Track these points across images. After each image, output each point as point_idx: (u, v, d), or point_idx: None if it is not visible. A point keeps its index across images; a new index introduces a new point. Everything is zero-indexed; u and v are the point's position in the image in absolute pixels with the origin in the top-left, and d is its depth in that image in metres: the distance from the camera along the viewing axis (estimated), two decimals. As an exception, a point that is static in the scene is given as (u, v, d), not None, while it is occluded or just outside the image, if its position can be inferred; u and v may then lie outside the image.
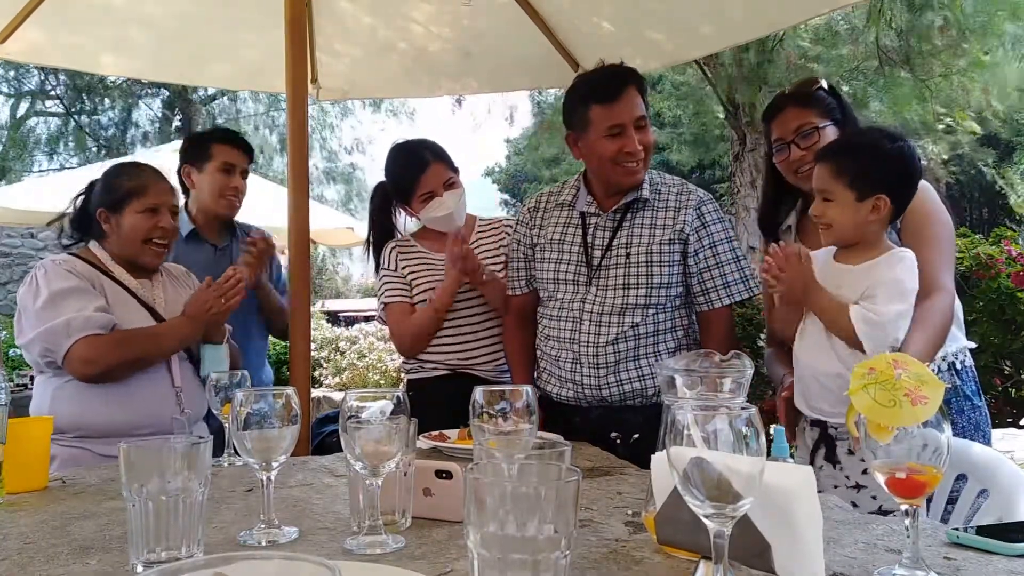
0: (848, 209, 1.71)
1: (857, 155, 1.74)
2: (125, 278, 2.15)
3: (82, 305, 2.00)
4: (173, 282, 2.30)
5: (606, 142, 2.06)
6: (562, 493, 0.75)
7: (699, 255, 2.11)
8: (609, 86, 2.07)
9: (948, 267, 1.87)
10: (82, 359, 1.97)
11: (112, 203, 2.15)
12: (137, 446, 1.06)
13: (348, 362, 8.95)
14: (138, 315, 2.11)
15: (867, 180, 1.69)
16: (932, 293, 1.76)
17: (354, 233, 6.44)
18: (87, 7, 3.13)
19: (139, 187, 2.15)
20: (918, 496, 0.97)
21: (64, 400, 2.01)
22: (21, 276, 13.11)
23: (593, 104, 2.06)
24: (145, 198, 2.15)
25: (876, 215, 1.71)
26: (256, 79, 3.92)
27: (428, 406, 2.16)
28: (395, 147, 2.53)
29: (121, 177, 2.18)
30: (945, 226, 1.91)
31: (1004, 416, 3.78)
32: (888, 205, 1.70)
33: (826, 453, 1.83)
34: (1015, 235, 4.04)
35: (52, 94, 16.80)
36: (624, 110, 2.04)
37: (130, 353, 2.03)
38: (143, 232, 2.14)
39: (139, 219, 2.14)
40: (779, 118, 2.05)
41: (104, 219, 2.15)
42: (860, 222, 1.71)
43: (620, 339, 2.07)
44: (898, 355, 1.04)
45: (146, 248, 2.16)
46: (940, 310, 1.78)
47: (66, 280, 2.02)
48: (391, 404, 1.15)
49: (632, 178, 2.11)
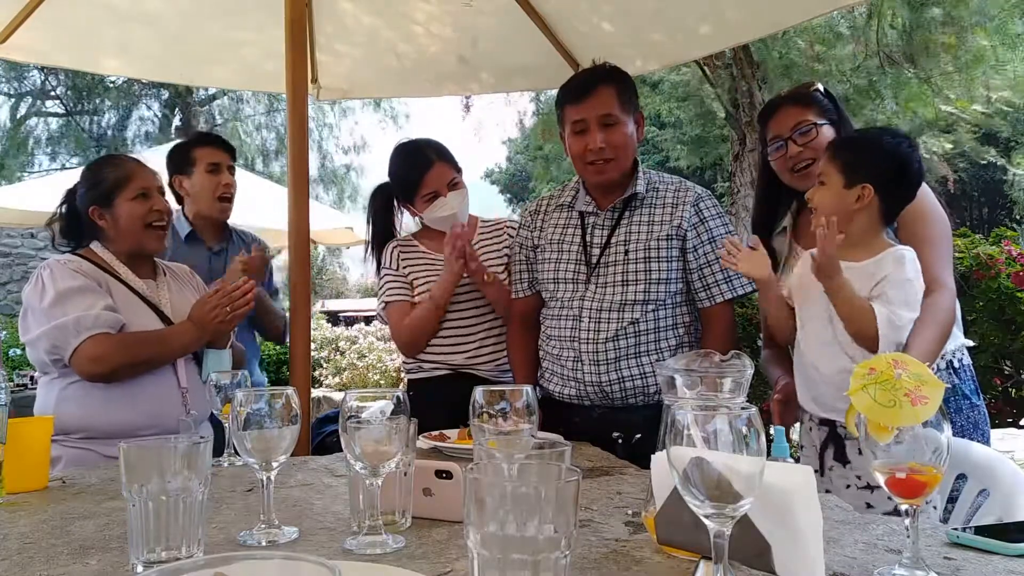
0: (835, 193, 1.77)
1: (857, 145, 1.82)
2: (131, 278, 2.14)
3: (90, 303, 1.99)
4: (177, 282, 2.30)
5: (572, 140, 2.12)
6: (562, 493, 0.75)
7: (698, 251, 2.12)
8: (580, 86, 2.12)
9: (948, 265, 1.89)
10: (90, 357, 1.96)
11: (101, 197, 2.13)
12: (137, 446, 1.06)
13: (348, 362, 8.96)
14: (144, 316, 2.10)
15: (857, 168, 1.75)
16: (935, 291, 1.77)
17: (353, 233, 6.45)
18: (87, 7, 3.14)
19: (124, 175, 2.14)
20: (918, 496, 0.97)
21: (70, 401, 2.00)
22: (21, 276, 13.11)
23: (565, 104, 2.13)
24: (133, 184, 2.13)
25: (860, 204, 1.75)
26: (256, 79, 3.92)
27: (428, 406, 2.16)
28: (399, 146, 2.53)
29: (103, 171, 2.16)
30: (943, 225, 1.93)
31: (1004, 416, 3.78)
32: (872, 195, 1.74)
33: (835, 453, 1.83)
34: (1015, 235, 4.04)
35: (52, 94, 16.79)
36: (588, 108, 2.07)
37: (137, 355, 2.02)
38: (140, 217, 2.13)
39: (133, 206, 2.12)
40: (776, 117, 2.06)
41: (98, 216, 2.14)
42: (843, 207, 1.75)
43: (620, 335, 2.08)
44: (898, 355, 1.04)
45: (148, 233, 2.15)
46: (944, 308, 1.79)
47: (73, 279, 2.02)
48: (391, 404, 1.15)
49: (599, 177, 2.12)
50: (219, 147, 2.82)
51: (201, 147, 2.79)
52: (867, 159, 1.76)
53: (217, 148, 2.81)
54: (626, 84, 2.13)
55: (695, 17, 3.09)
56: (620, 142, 2.09)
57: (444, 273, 2.34)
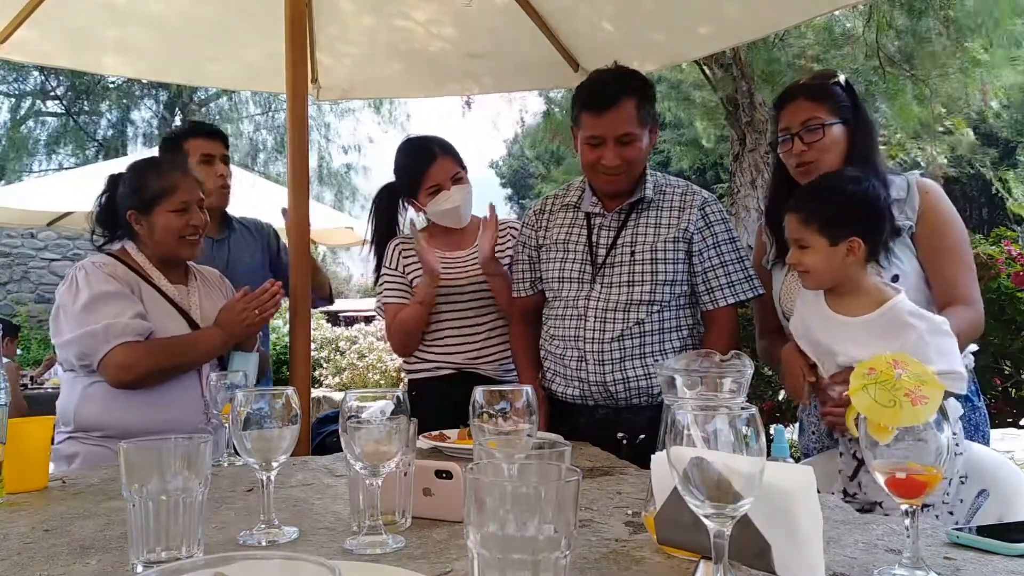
0: (823, 254, 1.71)
1: (823, 201, 1.75)
2: (163, 284, 2.14)
3: (120, 310, 1.99)
4: (207, 287, 2.29)
5: (586, 149, 2.10)
6: (562, 493, 0.75)
7: (703, 255, 2.12)
8: (601, 95, 2.06)
9: (973, 277, 1.87)
10: (118, 365, 1.97)
11: (142, 204, 2.12)
12: (137, 446, 1.06)
13: (348, 362, 8.96)
14: (174, 321, 2.10)
15: (836, 224, 1.70)
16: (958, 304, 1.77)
17: (354, 233, 6.45)
18: (87, 7, 3.13)
19: (169, 187, 2.12)
20: (918, 496, 0.97)
21: (92, 399, 2.01)
22: (22, 276, 13.12)
23: (584, 110, 2.08)
24: (175, 197, 2.12)
25: (852, 256, 1.70)
26: (256, 79, 3.92)
27: (430, 406, 2.16)
28: (404, 142, 2.55)
29: (149, 177, 2.14)
30: (962, 232, 1.90)
31: (1004, 416, 3.78)
32: (862, 247, 1.70)
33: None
34: (1015, 235, 4.04)
35: (52, 94, 16.79)
36: (608, 125, 2.04)
37: (165, 361, 2.03)
38: (176, 231, 2.12)
39: (170, 219, 2.11)
40: (789, 108, 2.01)
41: (135, 220, 2.13)
42: (837, 265, 1.71)
43: (625, 335, 2.08)
44: (898, 355, 1.04)
45: (181, 243, 2.14)
46: (969, 321, 1.78)
47: (107, 284, 2.02)
48: (391, 404, 1.15)
49: (609, 187, 2.14)
50: (212, 137, 2.78)
51: (193, 138, 2.75)
52: (841, 212, 1.71)
53: (208, 138, 2.77)
54: (647, 94, 2.10)
55: (695, 17, 3.09)
56: (634, 157, 2.08)
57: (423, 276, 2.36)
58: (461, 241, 2.51)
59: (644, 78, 2.14)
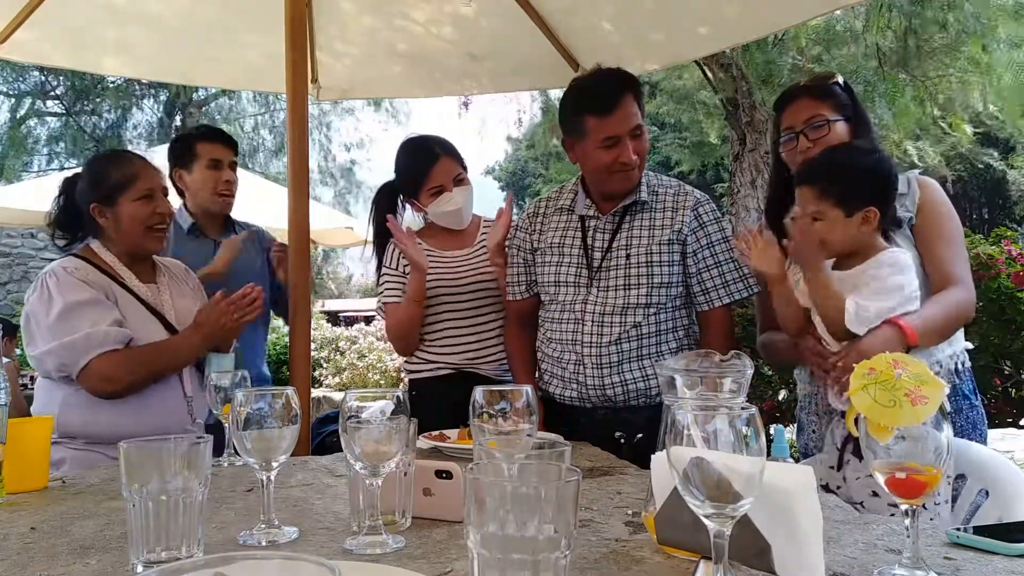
0: (839, 225, 1.76)
1: (838, 175, 1.78)
2: (135, 284, 2.12)
3: (98, 318, 1.97)
4: (176, 283, 2.28)
5: (601, 152, 2.07)
6: (562, 493, 0.75)
7: (698, 255, 2.12)
8: (605, 96, 2.06)
9: (965, 263, 1.91)
10: (101, 376, 1.95)
11: (104, 196, 2.10)
12: (137, 446, 1.06)
13: (348, 362, 8.96)
14: (149, 324, 2.08)
15: (852, 195, 1.75)
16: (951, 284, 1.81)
17: (353, 233, 6.45)
18: (87, 7, 3.14)
19: (130, 175, 2.10)
20: (918, 496, 0.97)
21: (74, 408, 1.98)
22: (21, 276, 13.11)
23: (588, 114, 2.06)
24: (138, 185, 2.10)
25: (868, 226, 1.75)
26: (256, 79, 3.93)
27: (430, 406, 2.16)
28: (406, 141, 2.55)
29: (108, 168, 2.12)
30: (957, 223, 1.95)
31: (1004, 416, 3.77)
32: (878, 216, 1.75)
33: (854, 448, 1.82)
34: (1015, 235, 4.03)
35: (52, 94, 16.78)
36: (620, 122, 2.04)
37: (147, 369, 2.01)
38: (143, 220, 2.10)
39: (137, 207, 2.09)
40: (791, 107, 2.04)
41: (99, 213, 2.11)
42: (853, 235, 1.76)
43: (623, 339, 2.08)
44: (898, 355, 1.04)
45: (148, 234, 2.13)
46: (957, 300, 1.82)
47: (80, 291, 1.98)
48: (391, 404, 1.15)
49: (626, 184, 2.13)
50: (222, 142, 2.80)
51: (204, 142, 2.76)
52: (857, 184, 1.76)
53: (219, 143, 2.78)
54: (640, 88, 2.13)
55: (695, 17, 3.09)
56: (645, 149, 2.10)
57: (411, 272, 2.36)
58: (461, 241, 2.51)
59: (631, 73, 2.15)
